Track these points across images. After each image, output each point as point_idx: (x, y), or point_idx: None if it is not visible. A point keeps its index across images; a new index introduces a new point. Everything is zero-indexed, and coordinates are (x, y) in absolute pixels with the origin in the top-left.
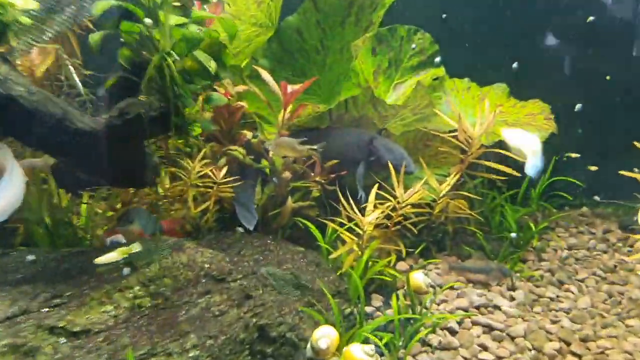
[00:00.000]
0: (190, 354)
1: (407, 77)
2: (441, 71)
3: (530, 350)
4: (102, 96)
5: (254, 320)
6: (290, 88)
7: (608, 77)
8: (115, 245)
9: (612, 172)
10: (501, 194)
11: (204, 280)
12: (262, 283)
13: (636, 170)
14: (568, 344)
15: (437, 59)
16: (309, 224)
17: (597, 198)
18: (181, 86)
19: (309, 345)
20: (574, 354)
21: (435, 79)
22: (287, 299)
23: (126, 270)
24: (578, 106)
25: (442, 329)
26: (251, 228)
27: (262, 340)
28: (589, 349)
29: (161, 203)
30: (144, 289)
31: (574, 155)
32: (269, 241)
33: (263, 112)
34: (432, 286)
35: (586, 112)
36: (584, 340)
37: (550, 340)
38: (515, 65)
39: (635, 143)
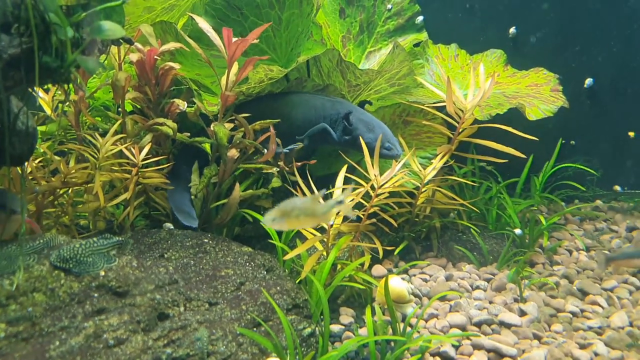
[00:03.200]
0: None
1: (382, 44)
2: (423, 36)
3: None
4: None
5: (169, 350)
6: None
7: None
8: None
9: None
10: (497, 184)
11: (96, 295)
12: (185, 297)
13: None
14: None
15: (420, 18)
16: (258, 216)
17: (617, 188)
18: (51, 9)
19: None
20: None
21: (416, 45)
22: (221, 318)
23: None
24: (588, 80)
25: (432, 355)
26: (195, 225)
27: None
28: None
29: (61, 192)
30: None
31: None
32: (205, 240)
33: (205, 81)
34: (416, 296)
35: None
36: None
37: None
38: (512, 30)
39: None
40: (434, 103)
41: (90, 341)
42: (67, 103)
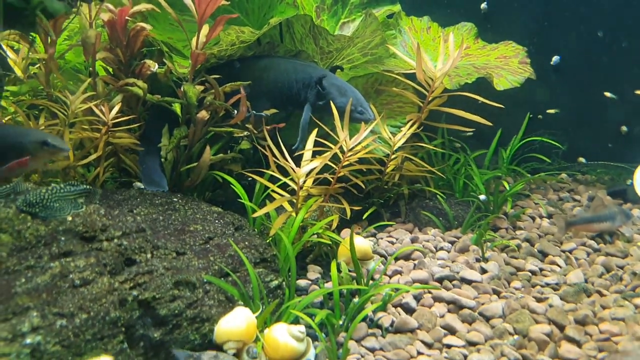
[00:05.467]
0: (28, 340)
1: (356, 15)
2: (397, 7)
3: (512, 335)
4: None
5: (135, 293)
6: None
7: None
8: None
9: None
10: (466, 156)
11: (62, 238)
12: (153, 245)
13: (625, 128)
14: (561, 327)
15: None
16: (229, 178)
17: (582, 160)
18: None
19: (215, 331)
20: (570, 339)
21: (389, 16)
22: (188, 266)
23: None
24: (555, 58)
25: (395, 306)
26: (165, 189)
27: (146, 320)
28: (590, 335)
29: None
30: None
31: (552, 111)
32: (175, 199)
33: (177, 45)
34: (382, 256)
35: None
36: (581, 322)
37: (537, 322)
38: (484, 5)
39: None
40: (407, 71)
41: (57, 280)
42: (38, 65)
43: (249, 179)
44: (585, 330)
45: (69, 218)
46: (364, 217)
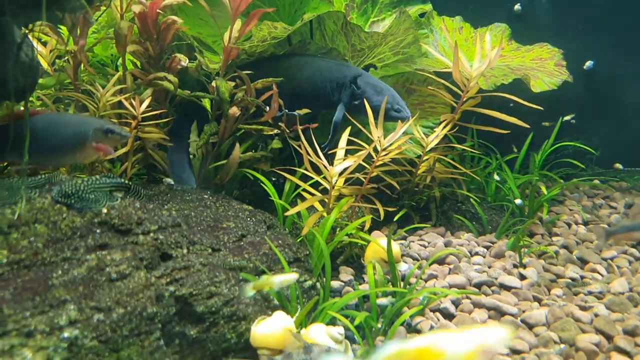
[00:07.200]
0: (65, 334)
1: (386, 14)
2: (428, 7)
3: (557, 343)
4: None
5: (172, 289)
6: None
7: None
8: None
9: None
10: (497, 159)
11: (98, 231)
12: (189, 240)
13: None
14: (609, 337)
15: None
16: (260, 176)
17: (619, 166)
18: None
19: (252, 330)
20: (621, 350)
21: (421, 15)
22: (224, 263)
23: None
24: (588, 63)
25: (433, 311)
26: (194, 186)
27: (183, 317)
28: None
29: None
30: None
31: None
32: (205, 196)
33: (207, 40)
34: (415, 259)
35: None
36: (630, 333)
37: (584, 332)
38: (518, 6)
39: None
40: (439, 70)
41: (93, 273)
42: (65, 58)
43: (275, 178)
44: (635, 341)
45: (104, 210)
46: (394, 219)
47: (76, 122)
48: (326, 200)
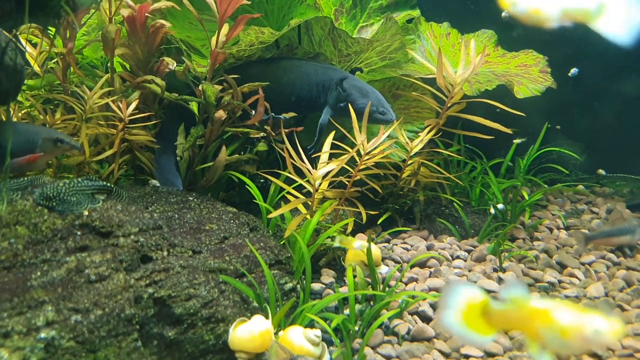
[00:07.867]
0: (42, 334)
1: (375, 19)
2: (416, 12)
3: None
4: None
5: (151, 290)
6: None
7: None
8: None
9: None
10: (482, 164)
11: (79, 233)
12: (169, 243)
13: None
14: None
15: None
16: (245, 179)
17: (602, 172)
18: None
19: (230, 332)
20: (593, 354)
21: (409, 21)
22: (204, 265)
23: None
24: (573, 70)
25: (411, 314)
26: (180, 188)
27: (161, 319)
28: (612, 350)
29: None
30: None
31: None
32: (190, 198)
33: (196, 44)
34: (397, 262)
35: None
36: None
37: None
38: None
39: None
40: (425, 75)
41: (72, 275)
42: (55, 60)
43: (263, 180)
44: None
45: (86, 213)
46: (378, 223)
47: (27, 131)
48: (309, 203)
